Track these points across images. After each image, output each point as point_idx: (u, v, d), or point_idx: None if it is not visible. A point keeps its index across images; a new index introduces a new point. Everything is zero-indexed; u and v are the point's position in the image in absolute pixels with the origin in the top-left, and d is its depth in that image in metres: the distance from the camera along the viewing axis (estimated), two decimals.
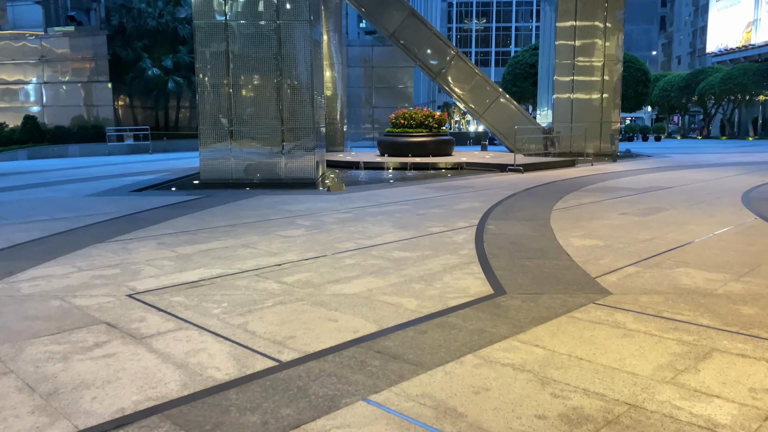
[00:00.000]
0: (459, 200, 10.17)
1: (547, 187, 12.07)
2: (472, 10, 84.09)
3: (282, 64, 12.53)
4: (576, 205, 9.52)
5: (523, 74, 47.58)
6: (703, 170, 15.76)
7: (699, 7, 76.76)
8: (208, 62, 12.52)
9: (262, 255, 6.11)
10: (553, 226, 7.65)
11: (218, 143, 12.70)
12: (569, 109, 22.11)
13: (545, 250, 6.23)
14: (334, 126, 22.99)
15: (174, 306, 4.43)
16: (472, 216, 8.47)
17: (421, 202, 10.04)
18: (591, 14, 21.76)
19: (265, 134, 12.72)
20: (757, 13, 52.53)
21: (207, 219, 8.41)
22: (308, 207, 9.51)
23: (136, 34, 28.00)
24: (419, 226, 7.73)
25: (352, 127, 30.76)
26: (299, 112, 12.70)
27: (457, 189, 11.83)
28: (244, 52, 12.53)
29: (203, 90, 12.59)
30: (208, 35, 12.48)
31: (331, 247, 6.48)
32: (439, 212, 8.84)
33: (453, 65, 21.90)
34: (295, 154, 12.79)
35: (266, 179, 12.81)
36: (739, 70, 41.00)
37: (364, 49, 31.20)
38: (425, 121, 18.59)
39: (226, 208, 9.44)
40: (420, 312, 4.25)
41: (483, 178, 14.01)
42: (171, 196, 11.00)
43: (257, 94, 12.68)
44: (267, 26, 12.51)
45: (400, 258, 5.92)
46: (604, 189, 11.70)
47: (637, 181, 13.32)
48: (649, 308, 4.32)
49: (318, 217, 8.46)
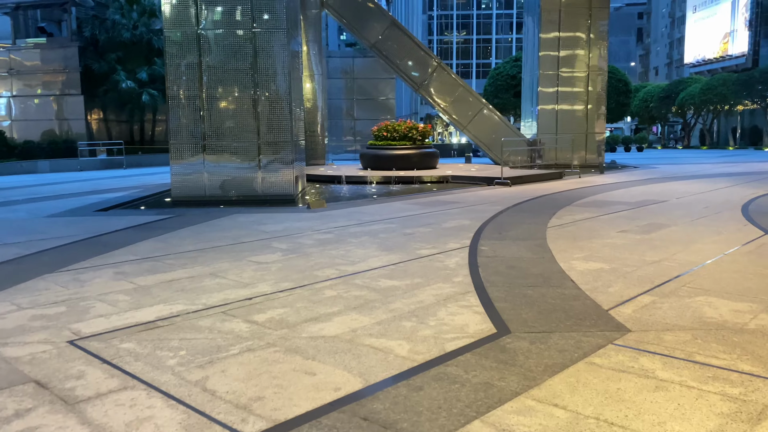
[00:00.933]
0: (447, 217, 9.58)
1: (537, 202, 11.54)
2: (452, 22, 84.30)
3: (258, 75, 11.90)
4: (571, 222, 8.97)
5: (505, 86, 47.54)
6: (694, 182, 15.40)
7: (675, 19, 77.79)
8: (179, 73, 11.84)
9: (231, 286, 5.43)
10: (551, 246, 7.08)
11: (191, 158, 11.99)
12: (554, 120, 21.74)
13: (547, 276, 5.64)
14: (315, 138, 22.36)
15: (122, 356, 3.75)
16: (463, 235, 7.87)
17: (407, 219, 9.43)
18: (574, 25, 21.47)
19: (241, 148, 12.05)
20: (733, 25, 53.14)
21: (174, 243, 7.71)
22: (286, 227, 8.84)
23: (109, 45, 27.17)
24: (407, 248, 7.11)
25: (334, 139, 30.17)
26: (277, 125, 12.06)
27: (444, 205, 11.25)
28: (218, 62, 11.88)
29: (174, 102, 11.89)
30: (180, 45, 11.81)
31: (309, 275, 5.82)
32: (427, 231, 8.23)
33: (436, 76, 21.44)
34: (272, 169, 12.12)
35: (242, 196, 12.12)
36: (719, 81, 41.21)
37: (345, 61, 30.71)
38: (409, 134, 18.04)
39: (197, 230, 8.73)
40: (413, 359, 3.61)
41: (470, 193, 13.45)
42: (138, 216, 10.27)
43: (232, 107, 12.01)
44: (242, 36, 11.88)
45: (388, 288, 5.29)
46: (597, 203, 11.20)
47: (629, 194, 12.86)
48: (676, 349, 3.74)
49: (296, 239, 7.80)
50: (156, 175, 20.41)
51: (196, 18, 11.78)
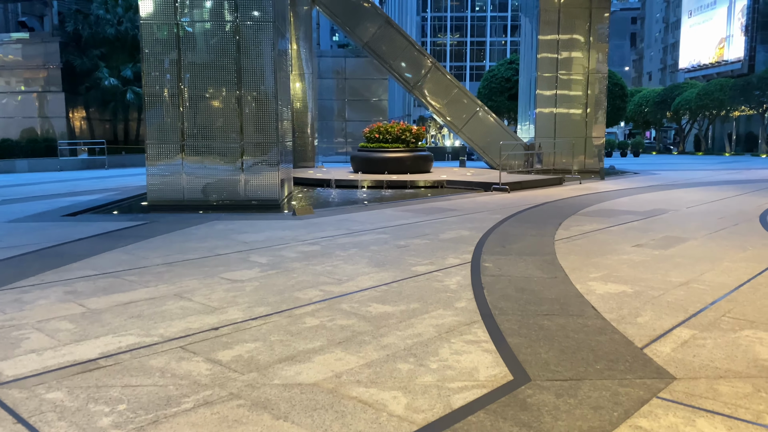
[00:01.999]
0: (444, 227, 8.82)
1: (539, 210, 10.82)
2: (446, 24, 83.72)
3: (242, 72, 11.11)
4: (579, 233, 8.24)
5: (499, 88, 46.87)
6: (701, 189, 14.74)
7: (669, 24, 77.62)
8: (157, 68, 11.03)
9: (197, 311, 4.64)
10: (563, 263, 6.34)
11: (168, 159, 11.17)
12: (552, 124, 21.05)
13: (564, 302, 4.89)
14: (305, 140, 21.58)
15: (44, 411, 2.96)
16: (463, 249, 7.12)
17: (400, 229, 8.67)
18: (574, 27, 20.82)
19: (223, 149, 11.25)
20: (729, 30, 52.82)
21: (141, 254, 6.90)
22: (268, 237, 8.05)
23: (92, 41, 26.24)
24: (400, 263, 6.34)
25: (324, 141, 29.36)
26: (262, 125, 11.27)
27: (441, 212, 10.50)
28: (199, 57, 11.08)
29: (151, 100, 11.08)
30: (158, 37, 11.00)
31: (289, 297, 5.05)
32: (422, 244, 7.47)
33: (430, 77, 20.70)
34: (256, 172, 11.33)
35: (223, 200, 11.32)
36: (716, 86, 40.75)
37: (336, 60, 29.89)
38: (402, 136, 17.29)
39: (169, 239, 7.92)
40: (411, 420, 2.85)
41: (467, 199, 12.71)
42: (108, 222, 9.44)
43: (214, 105, 11.22)
44: (225, 29, 11.08)
45: (380, 315, 4.52)
46: (605, 212, 10.49)
47: (636, 202, 12.16)
48: (740, 407, 2.99)
49: (278, 252, 7.02)
50: (138, 177, 19.53)
51: (174, 8, 10.98)
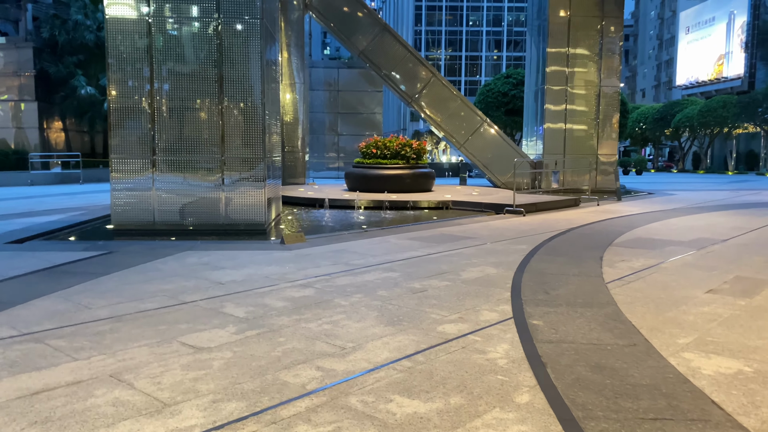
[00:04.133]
0: (463, 262, 7.33)
1: (567, 240, 9.36)
2: (441, 38, 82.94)
3: (224, 78, 9.64)
4: (630, 272, 6.78)
5: (496, 103, 45.74)
6: (732, 214, 13.36)
7: (663, 41, 77.34)
8: (125, 72, 9.53)
9: (136, 411, 3.11)
10: (632, 319, 4.86)
11: (137, 176, 9.63)
12: (561, 141, 19.73)
13: (669, 393, 3.40)
14: (295, 155, 20.09)
15: None
16: (496, 295, 5.62)
17: (410, 264, 7.16)
18: (584, 38, 19.61)
19: (200, 165, 9.74)
20: (728, 47, 52.17)
21: (84, 301, 5.35)
22: (249, 275, 6.52)
23: (69, 48, 24.66)
24: (421, 318, 4.84)
25: (315, 155, 27.91)
26: (246, 139, 9.79)
27: (453, 241, 9.01)
28: (174, 61, 9.60)
29: (117, 109, 9.56)
30: (126, 37, 9.51)
31: (273, 382, 3.52)
32: (442, 287, 5.97)
33: (430, 89, 19.34)
34: (239, 191, 9.83)
35: (201, 225, 9.78)
36: (719, 103, 39.76)
37: (328, 72, 28.55)
38: (401, 151, 15.84)
39: (126, 278, 6.37)
40: None
41: (479, 223, 11.24)
42: (58, 253, 7.86)
43: (191, 115, 9.72)
44: (205, 30, 9.62)
45: (408, 419, 3.02)
46: (643, 243, 9.04)
47: (671, 229, 10.75)
48: None
49: (261, 299, 5.49)
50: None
51: (147, 5, 9.50)
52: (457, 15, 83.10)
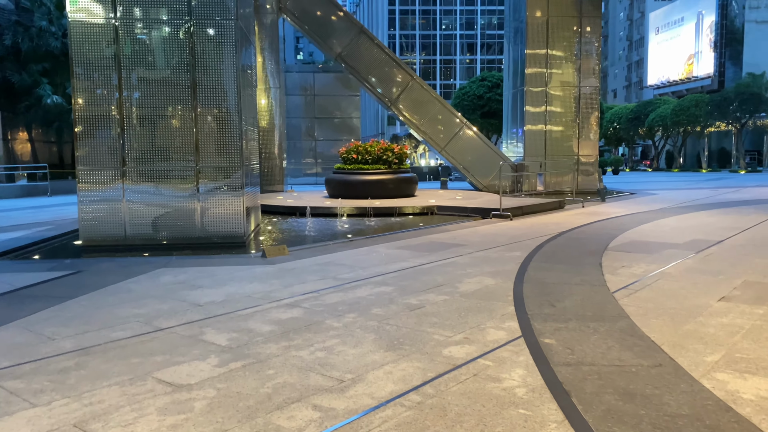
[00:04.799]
0: (458, 272, 6.93)
1: (560, 245, 9.03)
2: (415, 42, 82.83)
3: (198, 85, 9.12)
4: (634, 279, 6.45)
5: (471, 106, 45.68)
6: (718, 213, 13.22)
7: (633, 42, 78.34)
8: (91, 82, 8.96)
9: None
10: (650, 334, 4.50)
11: (106, 188, 9.05)
12: (542, 142, 19.53)
13: (713, 425, 3.04)
14: (272, 161, 19.54)
15: None
16: (499, 309, 5.23)
17: (403, 277, 6.74)
18: (563, 38, 19.46)
19: (174, 175, 9.21)
20: (698, 46, 52.92)
21: (47, 331, 4.81)
22: (230, 294, 6.03)
23: (33, 55, 23.73)
24: (423, 341, 4.42)
25: (292, 162, 27.35)
26: (222, 146, 9.28)
27: (445, 249, 8.61)
28: (144, 69, 9.06)
29: (83, 118, 8.98)
30: (91, 40, 8.93)
31: (264, 425, 3.07)
32: (441, 302, 5.55)
33: (410, 92, 18.99)
34: (216, 201, 9.31)
35: (175, 238, 9.24)
36: (691, 102, 40.20)
37: (303, 76, 28.02)
38: (383, 156, 15.42)
39: (95, 301, 5.83)
40: None
41: (467, 229, 10.87)
42: (20, 274, 7.26)
43: (163, 123, 9.18)
44: (176, 31, 9.10)
45: None
46: (639, 246, 8.76)
47: (663, 231, 10.51)
48: None
49: (244, 322, 5.01)
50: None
51: (113, 10, 8.94)
52: (430, 19, 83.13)
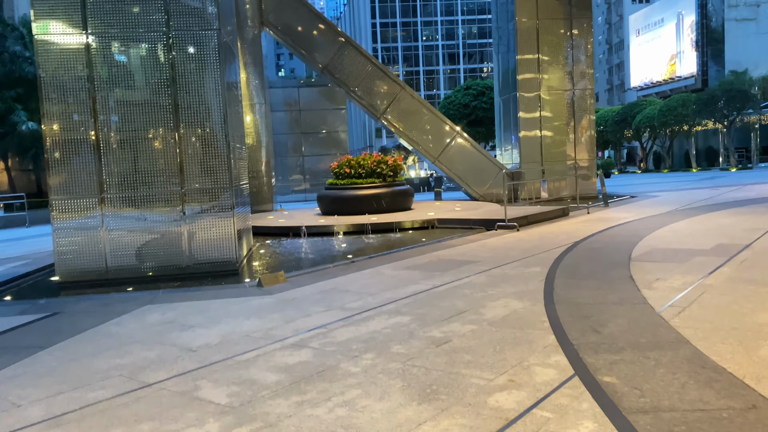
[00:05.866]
0: (479, 295, 6.26)
1: (579, 257, 8.40)
2: (397, 54, 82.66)
3: (180, 104, 8.44)
4: (676, 293, 5.81)
5: (458, 115, 45.38)
6: (731, 213, 12.65)
7: (613, 46, 78.77)
8: (63, 105, 8.24)
9: None
10: (723, 364, 3.85)
11: (82, 217, 8.31)
12: (538, 148, 19.02)
13: None
14: (259, 180, 18.81)
15: None
16: (538, 339, 4.56)
17: (418, 303, 6.05)
18: (554, 40, 19.00)
19: (157, 200, 8.49)
20: (680, 46, 53.05)
21: (13, 395, 4.07)
22: (225, 334, 5.30)
23: (7, 81, 22.93)
24: (461, 387, 3.73)
25: (279, 179, 26.61)
26: (209, 167, 8.59)
27: (456, 267, 7.95)
28: (121, 90, 8.37)
29: (55, 142, 8.25)
30: (61, 58, 8.23)
31: None
32: (469, 333, 4.87)
33: (399, 102, 18.40)
34: (204, 226, 8.60)
35: (162, 268, 8.50)
36: (677, 101, 40.10)
37: (287, 91, 27.38)
38: (377, 169, 14.77)
39: (71, 350, 5.08)
40: None
41: (475, 243, 10.21)
42: None
43: (143, 146, 8.48)
44: (155, 47, 8.43)
45: None
46: (666, 254, 8.14)
47: (684, 236, 9.91)
48: None
49: (246, 370, 4.29)
50: None
51: (83, 18, 8.25)
52: (411, 30, 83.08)
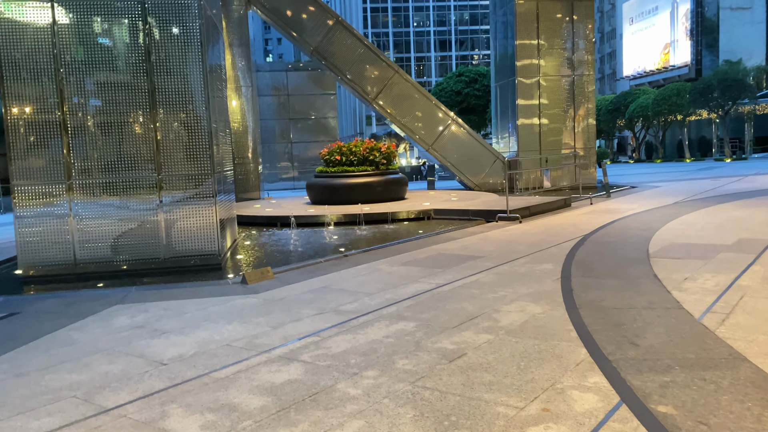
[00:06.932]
0: (489, 296, 5.60)
1: (593, 252, 7.77)
2: (388, 40, 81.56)
3: (158, 85, 7.66)
4: (712, 296, 5.19)
5: (449, 102, 44.62)
6: (740, 205, 12.07)
7: (605, 35, 78.15)
8: (25, 85, 7.44)
9: None
10: None
11: (49, 205, 7.54)
12: (536, 136, 18.37)
13: None
14: (246, 167, 18.01)
15: None
16: (568, 354, 3.90)
17: (423, 306, 5.38)
18: (554, 24, 18.31)
19: (132, 187, 7.74)
20: (674, 35, 52.51)
21: None
22: (203, 342, 4.60)
23: None
24: (485, 419, 3.06)
25: (267, 166, 25.83)
26: (190, 153, 7.84)
27: (459, 263, 7.28)
28: (90, 70, 7.57)
29: (16, 124, 7.45)
30: (23, 30, 7.42)
31: None
32: (486, 345, 4.20)
33: (393, 87, 17.65)
34: (183, 215, 7.86)
35: (137, 261, 7.77)
36: (672, 90, 39.60)
37: (275, 75, 26.51)
38: (369, 156, 14.04)
39: (21, 362, 4.35)
40: None
41: (475, 236, 9.55)
42: None
43: (116, 130, 7.70)
44: (129, 27, 7.62)
45: None
46: (686, 250, 7.53)
47: (698, 229, 9.31)
48: None
49: (224, 391, 3.59)
50: None
51: (50, 2, 7.43)
52: (402, 16, 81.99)
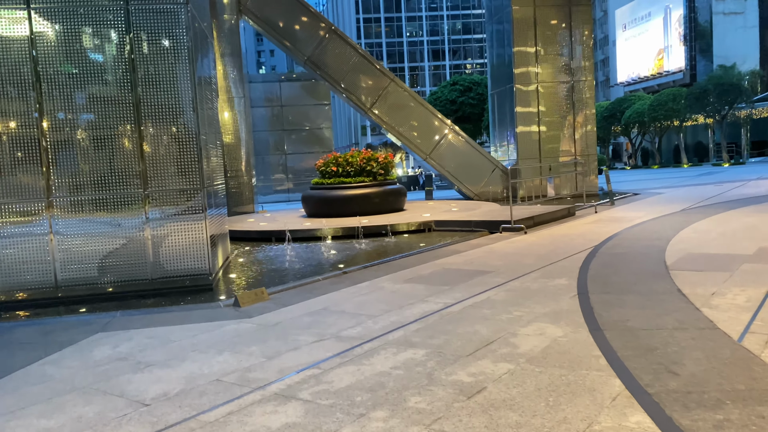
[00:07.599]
0: (504, 317, 5.15)
1: (608, 265, 7.34)
2: (381, 51, 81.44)
3: (143, 97, 7.23)
4: (747, 313, 4.77)
5: (444, 111, 44.36)
6: (751, 211, 11.65)
7: (597, 41, 78.24)
8: (2, 98, 6.98)
9: None
10: None
11: (26, 223, 7.07)
12: (536, 144, 18.00)
13: None
14: (239, 180, 17.55)
15: None
16: (600, 385, 3.46)
17: (432, 330, 4.93)
18: (552, 30, 18.00)
19: (116, 204, 7.27)
20: (667, 40, 52.48)
21: None
22: (190, 377, 4.13)
23: None
24: None
25: (261, 179, 25.34)
26: (178, 167, 7.39)
27: (466, 279, 6.84)
28: (71, 82, 7.13)
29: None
30: (2, 57, 6.98)
31: None
32: (507, 376, 3.75)
33: (389, 96, 17.26)
34: (171, 232, 7.40)
35: (123, 283, 7.29)
36: (668, 96, 39.45)
37: (268, 86, 26.08)
38: (366, 166, 13.60)
39: None
40: None
41: (480, 248, 9.11)
42: None
43: (99, 142, 7.24)
44: (113, 37, 7.20)
45: None
46: (705, 261, 7.12)
47: (713, 238, 8.90)
48: None
49: None
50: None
51: (26, 6, 7.00)
52: (395, 26, 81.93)
